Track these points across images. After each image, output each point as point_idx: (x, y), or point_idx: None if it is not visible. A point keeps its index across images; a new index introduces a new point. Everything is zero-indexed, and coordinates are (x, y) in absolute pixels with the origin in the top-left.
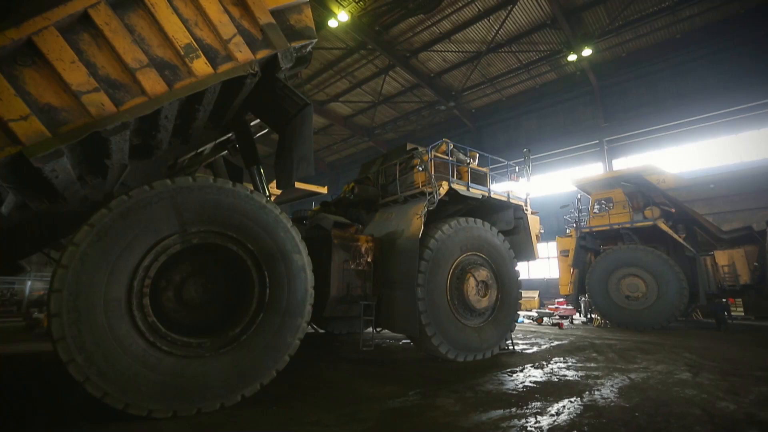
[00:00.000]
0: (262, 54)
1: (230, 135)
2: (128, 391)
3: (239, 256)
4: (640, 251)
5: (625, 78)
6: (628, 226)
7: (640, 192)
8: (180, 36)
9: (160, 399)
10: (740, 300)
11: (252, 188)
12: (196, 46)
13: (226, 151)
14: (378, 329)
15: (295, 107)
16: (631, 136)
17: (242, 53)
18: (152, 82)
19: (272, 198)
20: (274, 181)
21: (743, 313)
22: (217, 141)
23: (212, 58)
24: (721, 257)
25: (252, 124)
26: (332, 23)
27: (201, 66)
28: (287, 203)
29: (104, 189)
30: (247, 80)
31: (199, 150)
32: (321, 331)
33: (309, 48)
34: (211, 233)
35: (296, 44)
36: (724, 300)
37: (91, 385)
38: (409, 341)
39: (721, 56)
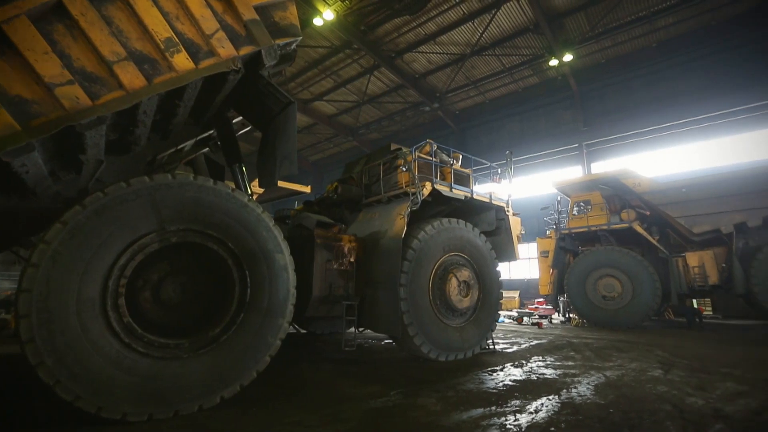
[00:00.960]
0: (246, 50)
1: (212, 132)
2: (101, 394)
3: (220, 256)
4: (616, 252)
5: (604, 84)
6: (605, 228)
7: (617, 195)
8: (160, 29)
9: (135, 402)
10: (709, 300)
11: (233, 186)
12: (177, 40)
13: (207, 149)
14: (360, 329)
15: (278, 105)
16: (609, 140)
17: (225, 49)
18: (130, 76)
19: (254, 196)
20: (257, 180)
21: (711, 312)
22: (198, 138)
23: (194, 53)
24: (692, 258)
25: (234, 121)
26: (317, 21)
27: (182, 61)
28: (269, 202)
29: (78, 185)
30: (229, 76)
31: (179, 147)
32: (303, 331)
33: (293, 46)
34: (190, 232)
35: (280, 41)
36: (695, 306)
37: (61, 389)
38: (391, 341)
39: (693, 65)
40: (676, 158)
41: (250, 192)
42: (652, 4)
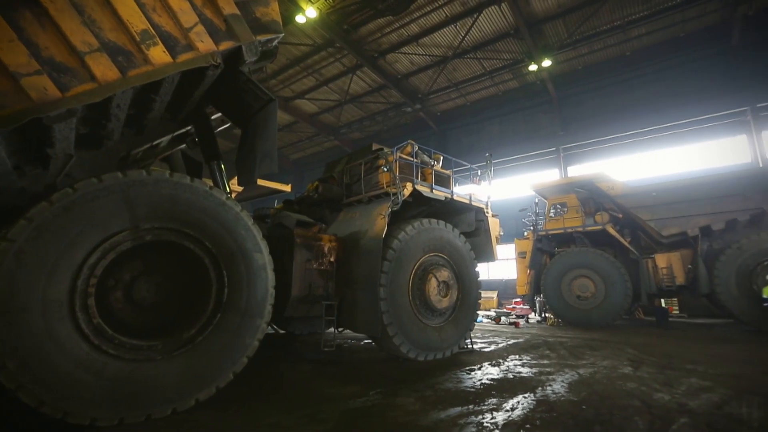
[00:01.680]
0: (225, 45)
1: (189, 128)
2: (68, 399)
3: (196, 255)
4: (590, 254)
5: (581, 90)
6: (580, 229)
7: (591, 198)
8: (135, 21)
9: (104, 406)
10: (676, 299)
11: (211, 184)
12: (153, 32)
13: (184, 145)
14: (340, 329)
15: (259, 102)
16: (585, 145)
17: (204, 43)
18: (103, 68)
19: (233, 195)
20: (235, 178)
21: (678, 312)
22: (175, 134)
23: (171, 47)
24: (661, 260)
25: (213, 117)
26: (300, 19)
27: (158, 54)
28: (249, 201)
29: (45, 181)
30: (208, 72)
31: (155, 142)
32: (281, 331)
33: (275, 42)
34: (166, 230)
35: (261, 38)
36: (664, 305)
37: (24, 393)
38: (370, 341)
39: (664, 74)
40: (647, 163)
41: (228, 190)
42: (626, 14)
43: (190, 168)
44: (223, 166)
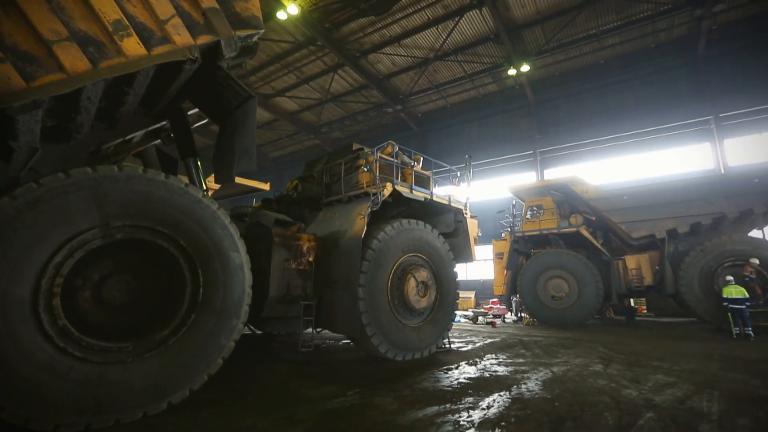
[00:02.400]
0: (203, 39)
1: (164, 123)
2: (30, 404)
3: (170, 254)
4: (564, 255)
5: (557, 95)
6: (555, 231)
7: (566, 201)
8: (108, 10)
9: (69, 411)
10: (644, 299)
11: (187, 181)
12: (127, 23)
13: (159, 140)
14: (318, 329)
15: (237, 98)
16: (561, 149)
17: (181, 36)
18: (73, 58)
19: (210, 193)
20: (213, 175)
21: (646, 311)
22: (149, 129)
23: (146, 39)
24: (631, 261)
25: (190, 113)
26: (281, 15)
27: (132, 46)
28: (226, 199)
29: (8, 174)
30: (185, 66)
31: (128, 137)
32: (258, 332)
33: (255, 38)
34: (138, 228)
35: (241, 33)
36: (633, 305)
37: None
38: (349, 341)
39: (636, 83)
40: (619, 168)
41: (205, 188)
42: (601, 23)
43: (165, 164)
44: (199, 163)
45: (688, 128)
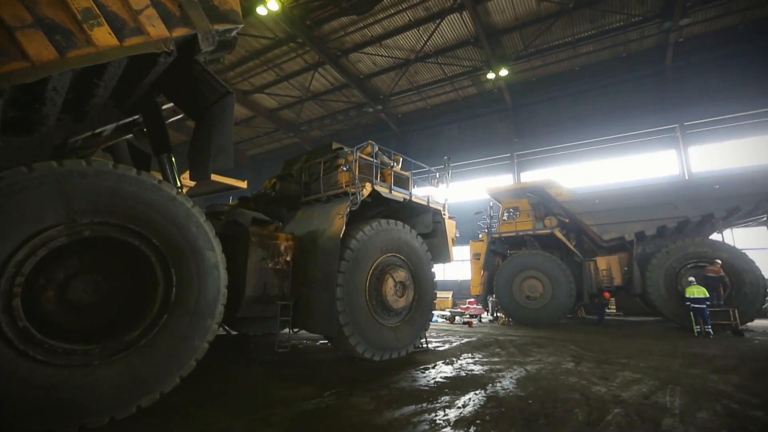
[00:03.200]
0: (179, 32)
1: (137, 117)
2: None
3: (142, 252)
4: (539, 256)
5: (534, 100)
6: (531, 233)
7: (542, 203)
8: None
9: (30, 417)
10: (613, 299)
11: (161, 178)
12: (98, 12)
13: (131, 135)
14: (295, 330)
15: (215, 94)
16: (537, 152)
17: (155, 28)
18: (38, 46)
19: (184, 190)
20: (188, 172)
21: (615, 310)
22: (120, 122)
23: (118, 29)
24: (601, 262)
25: (164, 107)
26: (261, 11)
27: (103, 36)
28: (202, 197)
29: None
30: (160, 59)
31: (97, 131)
32: (234, 332)
33: (234, 33)
34: (107, 225)
35: (219, 27)
36: (603, 296)
37: None
38: (326, 342)
39: (608, 90)
40: (592, 172)
41: (179, 185)
42: (576, 31)
43: (137, 160)
44: (173, 159)
45: (656, 135)
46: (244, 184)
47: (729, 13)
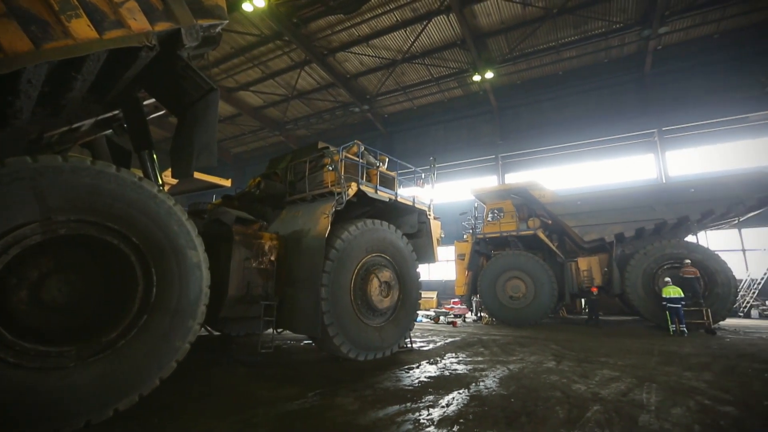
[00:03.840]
0: (162, 27)
1: (117, 112)
2: None
3: (121, 251)
4: (522, 257)
5: (519, 103)
6: (514, 234)
7: (525, 204)
8: None
9: (1, 423)
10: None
11: (141, 175)
12: (76, 3)
13: (110, 131)
14: (279, 330)
15: (198, 90)
16: (521, 155)
17: (137, 21)
18: (11, 37)
19: (166, 188)
20: (170, 169)
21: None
22: (99, 117)
23: (97, 21)
24: (583, 263)
25: (146, 103)
26: (247, 7)
27: (82, 28)
28: (185, 195)
29: None
30: (141, 53)
31: (75, 125)
32: (216, 333)
33: (219, 29)
34: (84, 223)
35: (203, 22)
36: (591, 292)
37: None
38: (310, 342)
39: (590, 95)
40: (575, 174)
41: (161, 182)
42: (560, 36)
43: (116, 156)
44: (155, 156)
45: (635, 140)
46: (227, 183)
47: (705, 23)
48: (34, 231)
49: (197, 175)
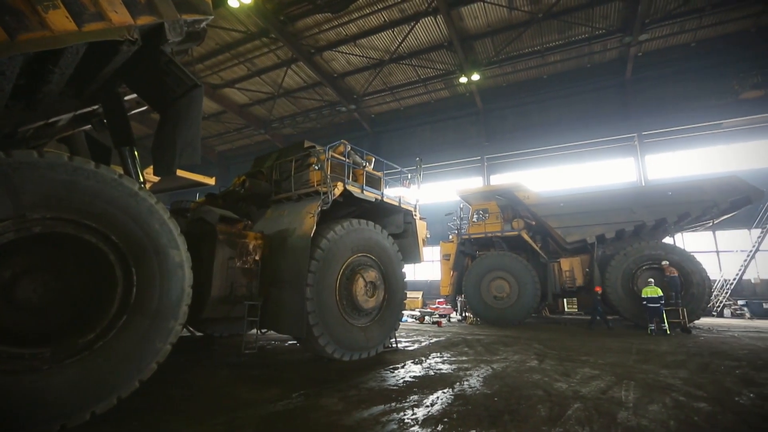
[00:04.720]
0: (145, 20)
1: (96, 107)
2: None
3: (100, 250)
4: (506, 257)
5: (504, 105)
6: (499, 234)
7: (510, 205)
8: None
9: None
10: (575, 298)
11: (122, 172)
12: None
13: (89, 126)
14: (263, 330)
15: (182, 86)
16: (506, 156)
17: (118, 15)
18: None
19: (148, 185)
20: (152, 167)
21: (576, 309)
22: (77, 112)
23: (76, 13)
24: (565, 264)
25: (127, 98)
26: (233, 3)
27: (59, 19)
28: (167, 193)
29: None
30: (122, 47)
31: (51, 120)
32: (198, 334)
33: (203, 24)
34: (61, 221)
35: (188, 17)
36: (596, 291)
37: None
38: (295, 342)
39: (573, 99)
40: (559, 176)
41: (142, 180)
42: (545, 41)
43: (95, 152)
44: (136, 152)
45: (616, 143)
46: (211, 181)
47: (682, 31)
48: (6, 229)
49: (180, 172)
